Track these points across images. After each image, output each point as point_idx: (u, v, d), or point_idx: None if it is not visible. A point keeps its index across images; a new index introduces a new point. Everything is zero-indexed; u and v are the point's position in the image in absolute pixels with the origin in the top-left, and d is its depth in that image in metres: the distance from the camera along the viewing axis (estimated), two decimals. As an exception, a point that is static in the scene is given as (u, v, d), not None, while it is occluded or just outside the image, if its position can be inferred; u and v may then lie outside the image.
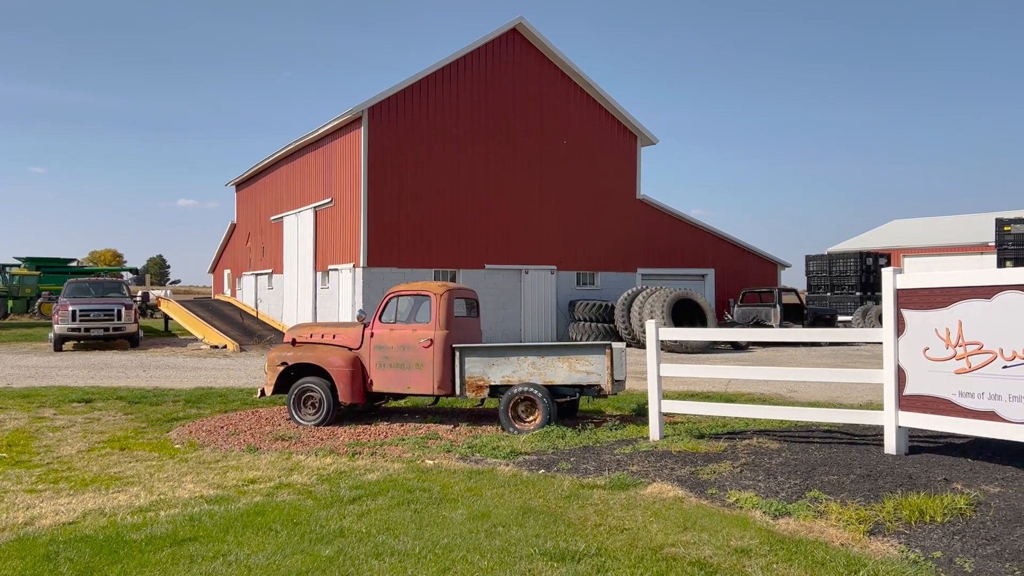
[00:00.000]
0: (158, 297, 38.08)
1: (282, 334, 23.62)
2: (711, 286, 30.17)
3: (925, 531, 5.55)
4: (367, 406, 11.59)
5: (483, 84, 26.05)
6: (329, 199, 26.41)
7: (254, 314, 32.59)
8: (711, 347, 24.50)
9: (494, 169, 26.06)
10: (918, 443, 7.99)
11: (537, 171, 26.84)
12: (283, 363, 10.97)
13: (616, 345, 9.95)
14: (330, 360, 10.69)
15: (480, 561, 5.13)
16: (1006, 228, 27.88)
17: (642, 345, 22.44)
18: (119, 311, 23.63)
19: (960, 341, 6.98)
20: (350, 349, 10.83)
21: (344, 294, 25.07)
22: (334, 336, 11.04)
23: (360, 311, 11.17)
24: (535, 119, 26.91)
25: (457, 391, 10.39)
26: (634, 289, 25.61)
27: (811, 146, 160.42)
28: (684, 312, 24.54)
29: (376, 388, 10.70)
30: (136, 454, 8.83)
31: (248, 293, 35.75)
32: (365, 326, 10.85)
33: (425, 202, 24.92)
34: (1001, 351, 6.67)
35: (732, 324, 27.50)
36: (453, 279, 25.06)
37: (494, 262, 25.98)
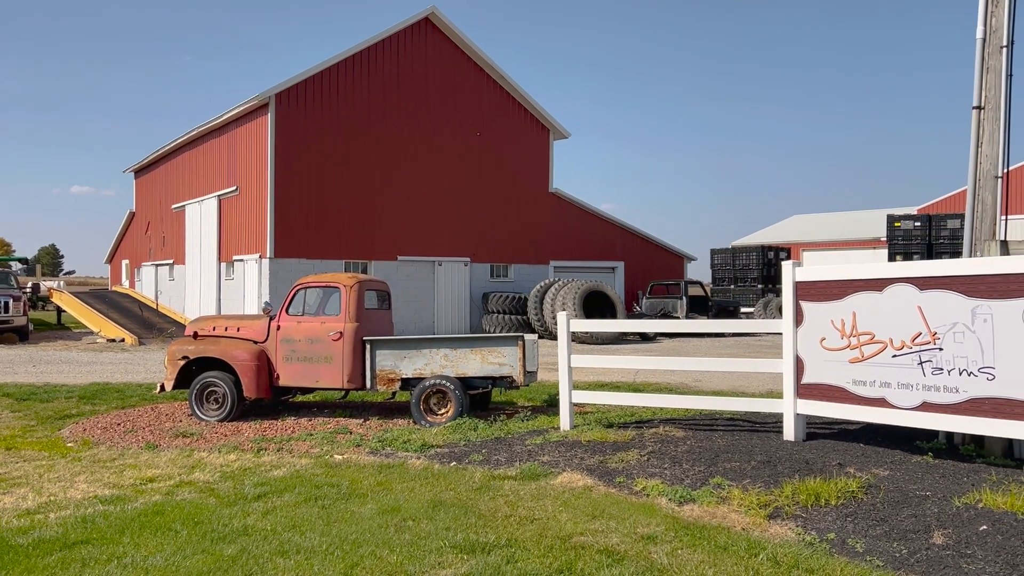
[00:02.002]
0: (50, 288, 36.18)
1: (184, 327, 22.77)
2: (621, 278, 30.71)
3: (821, 514, 5.78)
4: (273, 401, 11.30)
5: (395, 73, 25.72)
6: (234, 187, 25.60)
7: (154, 306, 31.36)
8: (621, 338, 24.96)
9: (407, 160, 25.79)
10: (815, 429, 8.33)
11: (451, 163, 26.71)
12: (184, 357, 10.58)
13: (528, 337, 10.00)
14: (234, 354, 10.36)
15: (389, 556, 5.07)
16: (896, 224, 29.40)
17: (555, 337, 22.67)
18: (6, 303, 22.38)
19: (854, 331, 7.30)
20: (255, 342, 10.53)
21: (250, 286, 24.37)
22: (238, 329, 10.71)
23: (266, 303, 10.88)
24: (448, 110, 26.75)
25: (368, 385, 10.24)
26: (547, 281, 25.82)
27: (717, 143, 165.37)
28: (595, 304, 24.90)
29: (283, 382, 10.44)
30: (24, 453, 8.35)
31: (148, 285, 34.34)
32: (271, 319, 10.57)
33: (336, 192, 24.45)
34: (891, 341, 7.02)
35: (641, 316, 28.08)
36: (364, 271, 24.70)
37: (407, 254, 25.73)
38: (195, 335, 10.90)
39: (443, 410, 9.92)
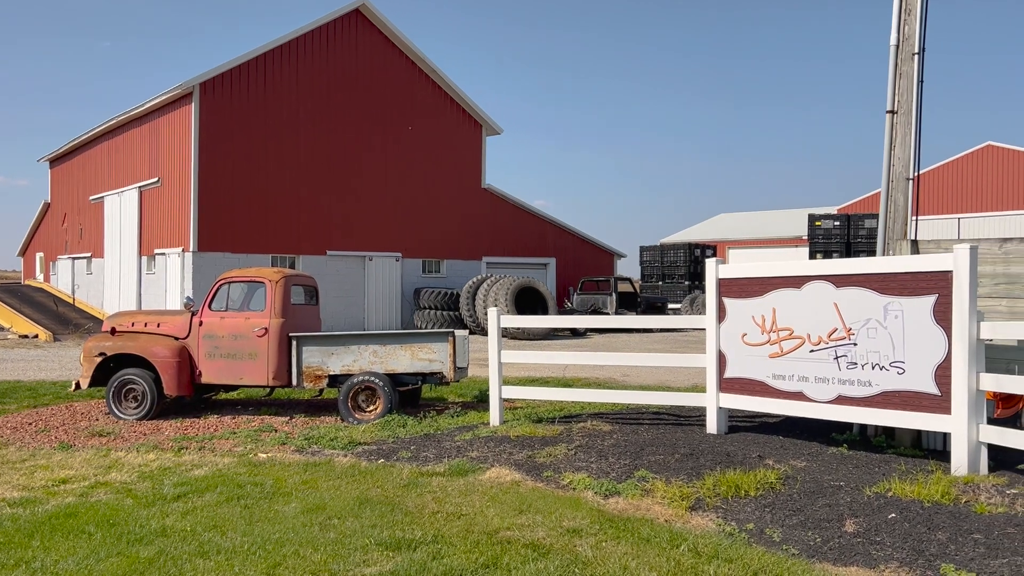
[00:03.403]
0: (-43, 282, 34.38)
1: (101, 323, 22.01)
2: (553, 275, 30.94)
3: (740, 505, 5.94)
4: (195, 399, 11.00)
5: (325, 65, 25.31)
6: (156, 179, 24.81)
7: (70, 301, 30.17)
8: (552, 334, 25.15)
9: (337, 153, 25.42)
10: (737, 422, 8.55)
11: (382, 157, 26.44)
12: (101, 353, 10.21)
13: (459, 333, 9.99)
14: (154, 350, 10.05)
15: (313, 555, 5.00)
16: (817, 223, 30.39)
17: (487, 333, 22.69)
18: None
19: (774, 327, 7.52)
20: (176, 339, 10.23)
21: (172, 280, 23.67)
22: (159, 325, 10.40)
23: (188, 298, 10.58)
24: (379, 104, 26.47)
25: (294, 382, 10.07)
26: (479, 277, 25.82)
27: (647, 140, 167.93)
28: (527, 300, 25.03)
29: (205, 380, 10.18)
30: (-75, 456, 7.94)
31: (64, 278, 33.01)
32: (193, 314, 10.29)
33: (262, 184, 23.93)
34: (809, 336, 7.25)
35: (571, 311, 28.34)
36: (292, 265, 24.26)
37: (337, 248, 25.38)
38: (113, 331, 10.53)
39: (372, 407, 9.83)
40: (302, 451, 8.17)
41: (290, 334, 10.08)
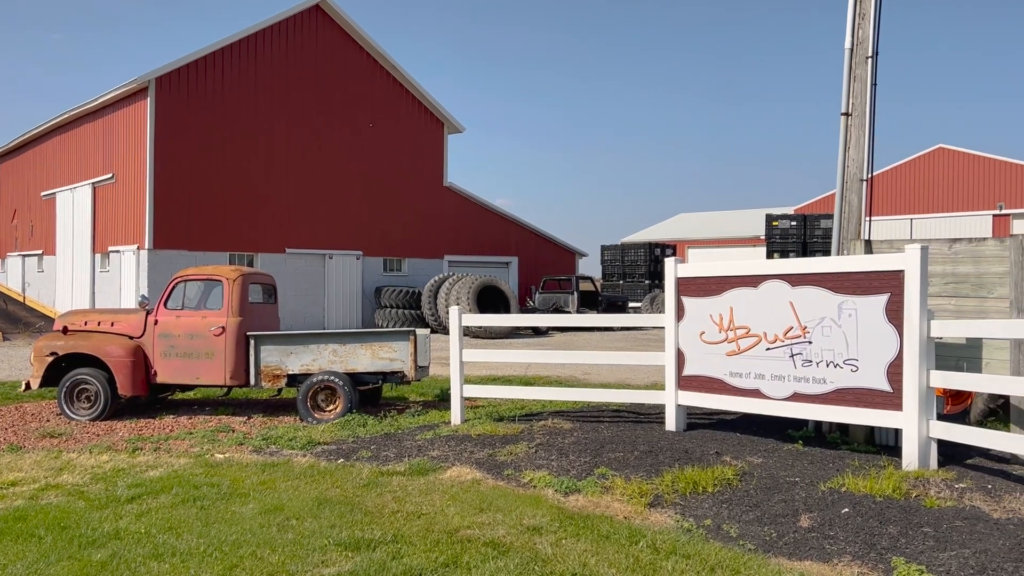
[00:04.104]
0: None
1: (53, 321, 21.50)
2: (515, 273, 30.97)
3: (698, 501, 6.01)
4: (151, 399, 10.81)
5: (284, 61, 25.01)
6: (110, 175, 24.30)
7: (21, 299, 29.43)
8: (514, 332, 25.17)
9: (297, 150, 25.13)
10: (696, 420, 8.65)
11: (342, 154, 26.21)
12: (53, 353, 9.99)
13: (420, 332, 9.96)
14: (108, 350, 9.86)
15: (270, 556, 4.95)
16: (774, 223, 30.86)
17: (449, 331, 22.64)
18: None
19: (731, 326, 7.62)
20: (131, 338, 10.05)
21: (127, 278, 23.20)
22: (112, 324, 10.19)
23: (143, 296, 10.39)
24: (340, 101, 26.23)
25: (252, 381, 9.95)
26: (441, 276, 25.73)
27: (609, 140, 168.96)
28: (489, 298, 25.02)
29: (161, 379, 10.01)
30: None
31: (14, 276, 32.17)
32: (148, 313, 10.11)
33: (220, 181, 23.57)
34: (765, 335, 7.36)
35: (533, 310, 28.41)
36: (251, 264, 23.94)
37: (296, 246, 25.10)
38: (65, 330, 10.30)
39: (331, 407, 9.75)
40: (260, 451, 8.08)
41: (248, 333, 9.95)
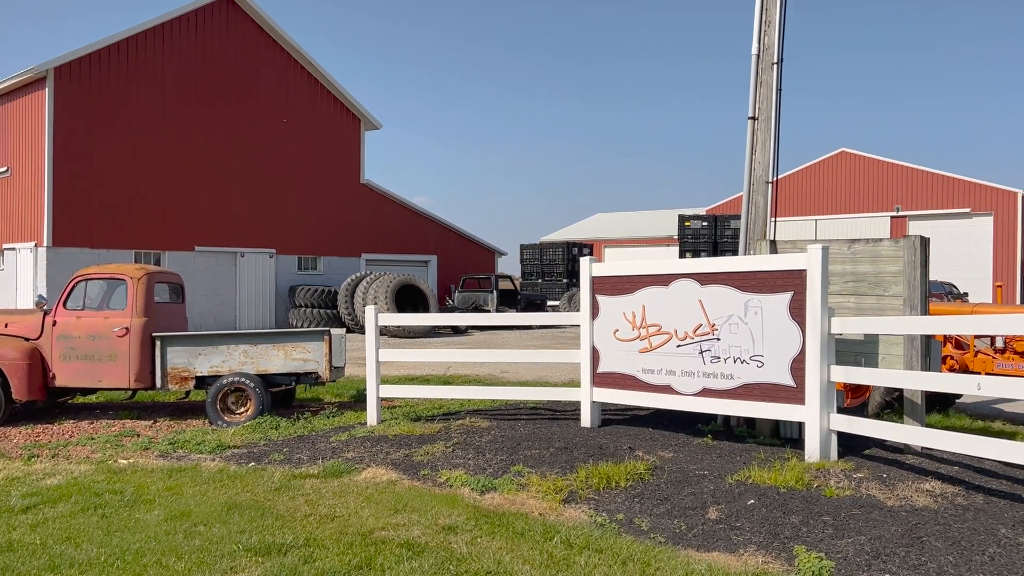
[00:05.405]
0: None
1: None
2: (434, 272, 30.83)
3: (611, 496, 6.12)
4: (49, 404, 10.31)
5: (194, 53, 24.22)
6: (5, 168, 23.06)
7: (-94, 300, 27.58)
8: (434, 331, 25.06)
9: (206, 145, 24.38)
10: (610, 416, 8.80)
11: (255, 150, 25.56)
12: (-61, 357, 9.40)
13: (335, 331, 9.80)
14: (1, 352, 9.35)
15: (176, 564, 4.79)
16: (687, 223, 31.64)
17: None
18: None
19: (643, 323, 7.78)
20: (27, 339, 9.56)
21: (23, 277, 22.06)
22: (7, 325, 9.68)
23: (40, 296, 9.90)
24: (252, 95, 25.57)
25: (158, 384, 9.61)
26: (358, 274, 25.38)
27: (527, 140, 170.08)
28: (408, 297, 24.83)
29: (60, 383, 9.56)
30: None
31: (-103, 275, 30.16)
32: (46, 313, 9.64)
33: (125, 176, 22.65)
34: (676, 332, 7.54)
35: (453, 309, 28.35)
36: (158, 262, 23.10)
37: (205, 243, 24.35)
38: (-47, 332, 9.71)
39: (242, 409, 9.50)
40: (167, 456, 7.81)
41: (154, 334, 9.60)
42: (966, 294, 27.87)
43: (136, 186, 22.86)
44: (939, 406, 10.04)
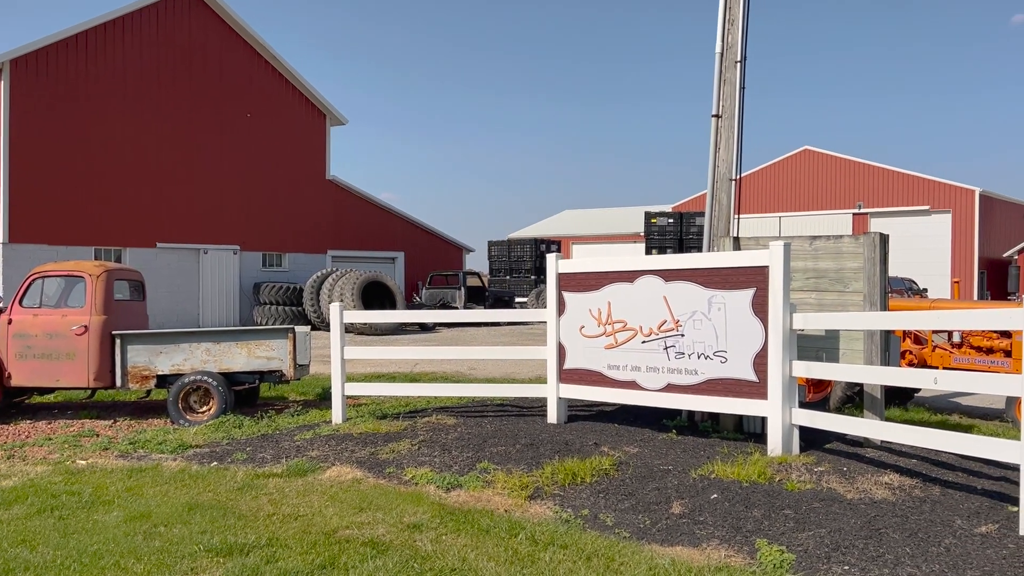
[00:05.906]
0: None
1: None
2: (401, 269, 30.68)
3: (577, 492, 6.13)
4: (5, 404, 10.07)
5: (155, 47, 23.82)
6: (-40, 163, 22.48)
7: None
8: (401, 328, 24.94)
9: (169, 139, 23.99)
10: (577, 412, 8.82)
11: (218, 144, 25.22)
12: None
13: (300, 329, 9.71)
14: (-46, 351, 9.12)
15: (135, 565, 4.71)
16: (653, 220, 31.84)
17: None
18: None
19: (609, 320, 7.81)
20: (-18, 338, 9.33)
21: (-20, 274, 21.54)
22: (-40, 323, 9.44)
23: (-5, 294, 9.68)
24: (216, 89, 25.22)
25: (118, 383, 9.45)
26: (324, 271, 25.17)
27: (495, 137, 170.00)
28: (375, 294, 24.67)
29: (16, 383, 9.36)
30: None
31: None
32: (1, 312, 9.43)
33: (85, 171, 22.22)
34: (641, 328, 7.58)
35: (421, 306, 28.25)
36: (118, 259, 22.69)
37: (167, 240, 23.97)
38: (-97, 331, 9.46)
39: (205, 408, 9.38)
40: (127, 456, 7.68)
41: (113, 332, 9.43)
42: (925, 290, 28.42)
43: (96, 182, 22.44)
44: (899, 400, 10.23)
